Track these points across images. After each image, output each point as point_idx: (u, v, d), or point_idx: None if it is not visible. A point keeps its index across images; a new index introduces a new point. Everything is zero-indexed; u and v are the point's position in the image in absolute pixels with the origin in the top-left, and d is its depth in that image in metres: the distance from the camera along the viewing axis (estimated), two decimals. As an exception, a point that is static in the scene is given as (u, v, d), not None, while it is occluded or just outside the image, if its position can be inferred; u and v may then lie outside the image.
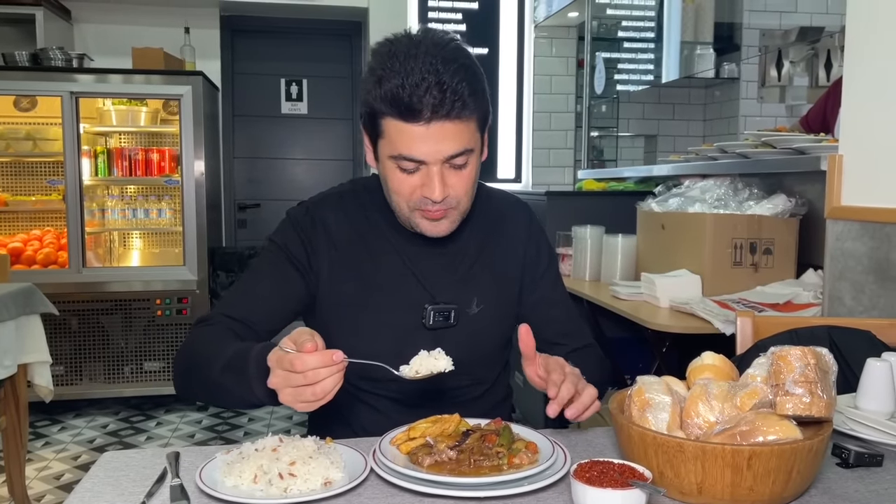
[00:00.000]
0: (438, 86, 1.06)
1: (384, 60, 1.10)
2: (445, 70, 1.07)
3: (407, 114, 1.08)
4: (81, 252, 3.93)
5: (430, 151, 1.10)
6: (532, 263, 1.37)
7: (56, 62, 3.89)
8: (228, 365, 1.04)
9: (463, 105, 1.08)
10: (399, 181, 1.15)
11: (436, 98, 1.06)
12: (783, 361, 0.90)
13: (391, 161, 1.14)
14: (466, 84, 1.08)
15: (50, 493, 2.99)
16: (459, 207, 1.19)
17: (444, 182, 1.13)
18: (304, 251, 1.24)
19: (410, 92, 1.06)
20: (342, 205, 1.30)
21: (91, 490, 0.91)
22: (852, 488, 0.92)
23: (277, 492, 0.88)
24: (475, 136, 1.15)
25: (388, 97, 1.08)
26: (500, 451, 0.94)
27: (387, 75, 1.08)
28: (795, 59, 4.20)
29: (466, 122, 1.11)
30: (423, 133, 1.09)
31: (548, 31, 4.91)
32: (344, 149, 5.22)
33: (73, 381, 3.97)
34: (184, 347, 1.18)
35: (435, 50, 1.09)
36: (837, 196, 1.84)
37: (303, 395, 0.91)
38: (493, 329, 1.33)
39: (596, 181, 3.90)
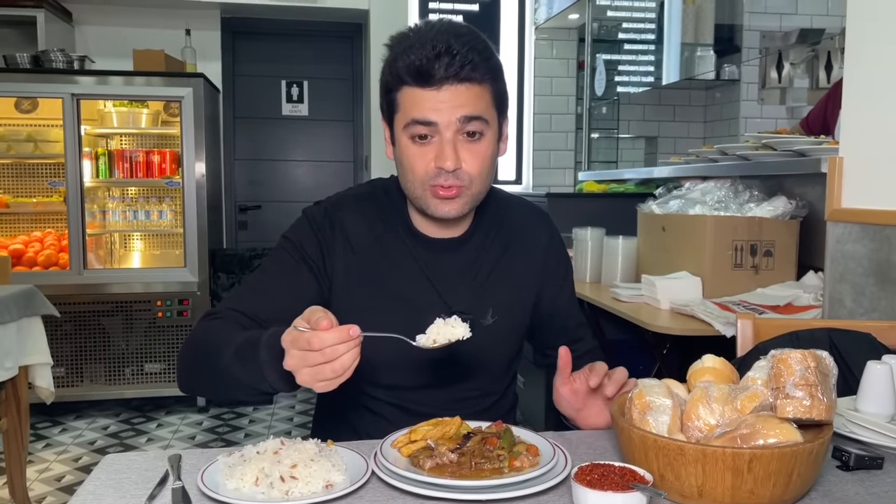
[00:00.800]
0: (448, 51, 1.09)
1: (400, 39, 1.15)
2: (457, 39, 1.10)
3: (419, 78, 1.10)
4: (82, 254, 3.94)
5: (442, 113, 1.11)
6: (551, 275, 1.36)
7: (57, 64, 3.90)
8: (238, 352, 1.02)
9: (473, 67, 1.10)
10: (413, 155, 1.15)
11: (447, 62, 1.08)
12: (783, 364, 0.90)
13: (405, 134, 1.14)
14: (477, 52, 1.11)
15: (51, 494, 2.99)
16: (472, 188, 1.17)
17: (456, 152, 1.13)
18: (320, 252, 1.23)
19: (422, 56, 1.09)
20: (360, 208, 1.28)
21: (93, 493, 0.91)
22: (852, 491, 0.92)
23: (279, 494, 0.88)
24: (490, 110, 1.15)
25: (402, 67, 1.11)
26: (500, 454, 0.94)
27: (400, 49, 1.12)
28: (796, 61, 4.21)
29: (479, 88, 1.12)
30: (435, 96, 1.10)
31: (548, 33, 4.91)
32: (345, 150, 5.23)
33: (74, 382, 3.98)
34: (189, 340, 1.16)
35: (449, 26, 1.13)
36: (838, 198, 1.84)
37: (321, 374, 0.89)
38: (505, 340, 1.32)
39: (596, 183, 3.91)
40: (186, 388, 1.16)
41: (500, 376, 1.35)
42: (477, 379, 1.29)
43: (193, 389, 1.17)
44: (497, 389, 1.35)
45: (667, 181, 2.97)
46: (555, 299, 1.38)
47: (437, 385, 1.26)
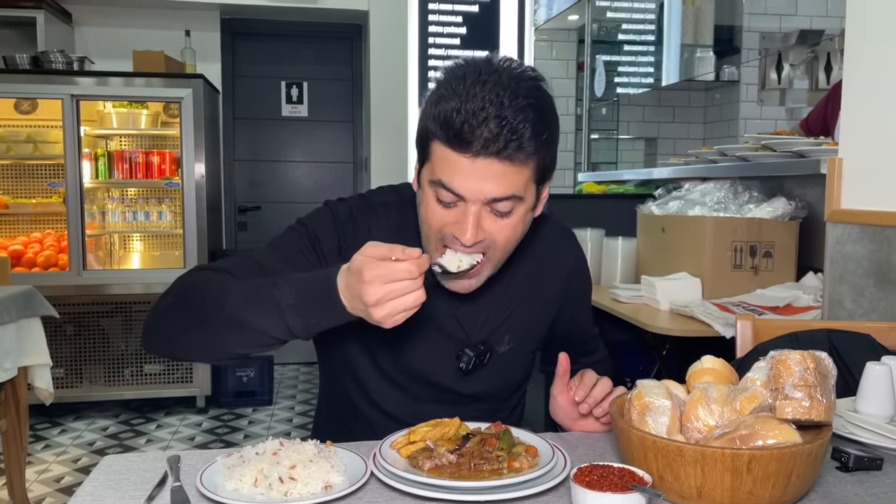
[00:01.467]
0: (497, 119, 0.96)
1: (450, 80, 1.01)
2: (511, 104, 0.97)
3: (455, 141, 0.98)
4: (82, 255, 3.94)
5: (471, 188, 1.00)
6: (573, 296, 1.33)
7: (57, 65, 3.90)
8: (252, 296, 0.95)
9: (519, 146, 0.97)
10: (433, 211, 1.05)
11: (490, 132, 0.96)
12: (783, 365, 0.90)
13: (430, 187, 1.04)
14: (530, 125, 0.97)
15: (50, 495, 2.99)
16: (492, 259, 1.07)
17: (478, 225, 1.01)
18: (337, 250, 1.14)
19: (464, 118, 0.96)
20: (388, 218, 1.19)
21: (92, 493, 0.91)
22: (852, 492, 0.92)
23: (278, 495, 0.88)
24: (528, 186, 1.03)
25: (440, 118, 0.99)
26: (500, 455, 0.94)
27: (447, 95, 0.99)
28: (795, 62, 4.21)
29: (519, 167, 1.00)
30: (468, 167, 0.98)
31: (548, 34, 4.92)
32: (344, 151, 5.23)
33: (74, 383, 3.97)
34: (176, 287, 1.06)
35: (507, 81, 0.99)
36: (837, 199, 1.84)
37: (404, 301, 0.88)
38: (518, 364, 1.29)
39: (596, 184, 3.91)
40: (159, 342, 1.06)
41: (510, 396, 1.33)
42: (487, 401, 1.27)
43: (167, 342, 1.05)
44: (505, 408, 1.33)
45: (666, 182, 2.97)
46: (574, 318, 1.36)
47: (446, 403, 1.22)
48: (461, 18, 4.76)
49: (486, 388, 1.25)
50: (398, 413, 1.24)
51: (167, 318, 1.04)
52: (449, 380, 1.22)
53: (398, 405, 1.24)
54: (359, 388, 1.25)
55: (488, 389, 1.26)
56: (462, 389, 1.23)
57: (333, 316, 0.93)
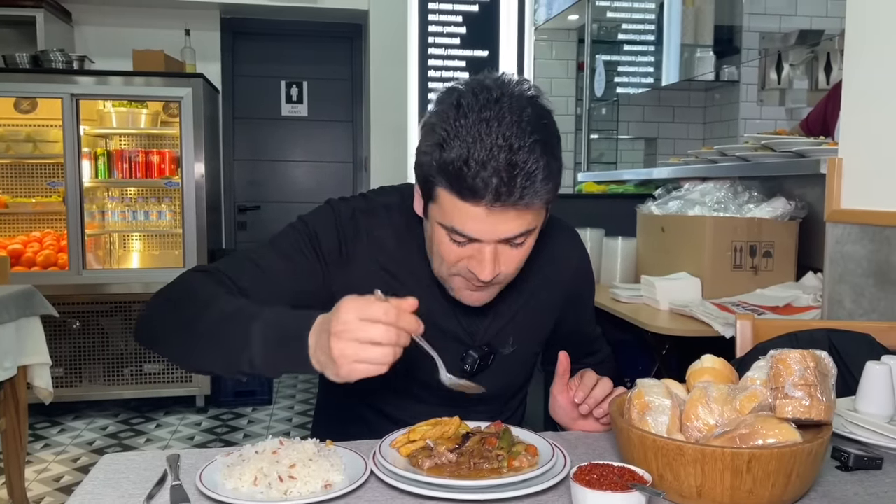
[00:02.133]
0: (508, 168, 0.91)
1: (448, 116, 0.95)
2: (520, 145, 0.92)
3: (467, 194, 0.93)
4: (81, 254, 3.94)
5: (486, 231, 0.97)
6: (577, 297, 1.33)
7: (56, 64, 3.90)
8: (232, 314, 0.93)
9: (534, 192, 0.94)
10: (447, 248, 1.03)
11: (503, 182, 0.92)
12: (783, 365, 0.90)
13: (441, 227, 1.01)
14: (542, 167, 0.93)
15: (49, 495, 2.99)
16: (504, 282, 1.08)
17: (496, 260, 1.01)
18: (339, 250, 1.13)
19: (476, 171, 0.91)
20: (391, 220, 1.17)
21: (91, 492, 0.91)
22: (852, 491, 0.92)
23: (277, 494, 0.88)
24: (540, 215, 1.02)
25: (447, 169, 0.94)
26: (499, 454, 0.94)
27: (449, 139, 0.94)
28: (795, 63, 4.21)
29: (533, 210, 0.98)
30: (482, 214, 0.95)
31: (548, 34, 4.92)
32: (344, 151, 5.23)
33: (73, 382, 3.97)
34: (170, 287, 1.05)
35: (510, 115, 0.93)
36: (837, 199, 1.84)
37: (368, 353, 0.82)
38: (521, 366, 1.29)
39: (596, 184, 3.90)
40: (146, 337, 1.04)
41: (513, 398, 1.34)
42: (490, 403, 1.27)
43: (152, 339, 1.04)
44: (507, 410, 1.33)
45: (666, 182, 2.97)
46: (577, 318, 1.36)
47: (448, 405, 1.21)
48: (461, 18, 4.76)
49: (489, 390, 1.24)
50: (399, 415, 1.23)
51: (156, 315, 1.04)
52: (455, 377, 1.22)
53: (399, 407, 1.24)
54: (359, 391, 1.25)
55: (491, 392, 1.23)
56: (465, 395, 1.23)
57: (297, 362, 0.88)
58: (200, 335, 0.95)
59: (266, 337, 0.89)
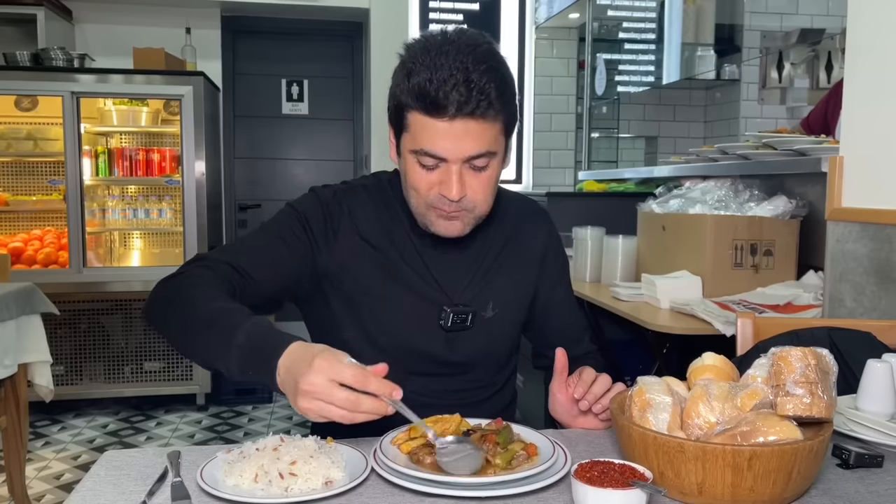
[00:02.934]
0: (466, 83, 1.06)
1: (415, 54, 1.11)
2: (475, 69, 1.07)
3: (432, 108, 1.08)
4: (82, 252, 3.93)
5: (451, 148, 1.10)
6: (549, 272, 1.38)
7: (57, 62, 3.90)
8: (214, 320, 1.01)
9: (488, 105, 1.08)
10: (418, 177, 1.15)
11: (462, 95, 1.06)
12: (784, 362, 0.90)
13: (412, 156, 1.14)
14: (494, 86, 1.08)
15: (50, 492, 2.99)
16: (476, 211, 1.18)
17: (462, 182, 1.13)
18: (325, 229, 1.24)
19: (437, 86, 1.06)
20: (370, 198, 1.29)
21: (92, 489, 0.91)
22: (852, 489, 0.92)
23: (278, 491, 0.88)
24: (499, 140, 1.14)
25: (415, 90, 1.09)
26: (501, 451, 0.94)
27: (416, 69, 1.09)
28: (796, 61, 4.21)
29: (491, 123, 1.11)
30: (447, 129, 1.09)
31: (549, 33, 4.91)
32: (345, 149, 5.22)
33: (74, 380, 3.97)
34: (171, 279, 1.14)
35: (467, 49, 1.09)
36: (838, 198, 1.84)
37: (329, 412, 0.89)
38: (505, 332, 1.34)
39: (596, 182, 3.90)
40: (150, 321, 1.14)
41: (499, 369, 1.37)
42: (476, 371, 1.31)
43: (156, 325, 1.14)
44: (495, 382, 1.36)
45: (667, 180, 2.97)
46: (552, 296, 1.39)
47: (437, 375, 1.28)
48: (462, 17, 4.77)
49: (472, 354, 1.28)
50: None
51: (158, 306, 1.13)
52: (436, 346, 1.26)
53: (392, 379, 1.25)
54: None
55: (475, 357, 1.29)
56: (449, 356, 1.27)
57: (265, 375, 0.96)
58: (189, 334, 1.05)
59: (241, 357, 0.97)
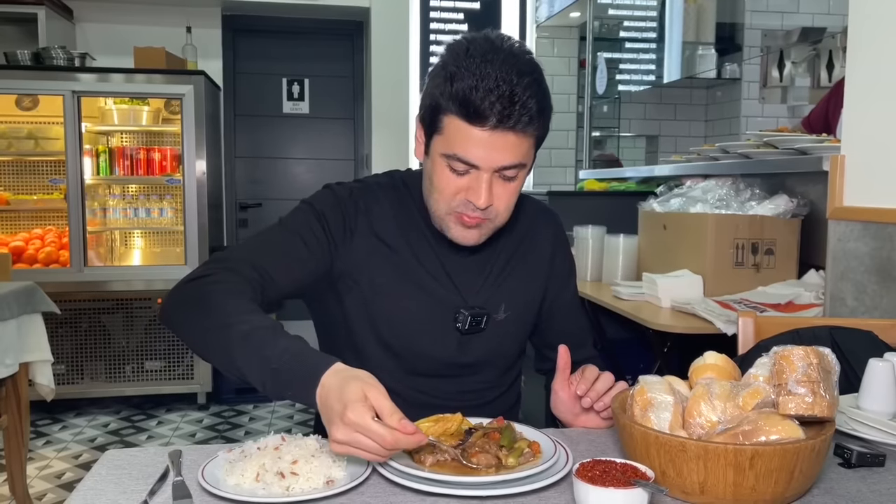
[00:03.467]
0: (510, 96, 1.06)
1: (460, 58, 1.09)
2: (519, 82, 1.07)
3: (473, 116, 1.07)
4: (83, 251, 3.94)
5: (486, 157, 1.10)
6: (557, 274, 1.38)
7: (58, 61, 3.90)
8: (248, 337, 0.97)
9: (529, 120, 1.08)
10: (446, 180, 1.14)
11: (505, 108, 1.06)
12: (785, 361, 0.90)
13: (443, 159, 1.13)
14: (536, 101, 1.09)
15: (51, 491, 2.99)
16: (496, 220, 1.18)
17: (490, 191, 1.12)
18: (343, 228, 1.23)
19: (483, 96, 1.06)
20: (385, 196, 1.28)
21: (93, 488, 0.91)
22: (854, 488, 0.92)
23: (279, 490, 0.88)
24: (530, 153, 1.15)
25: (458, 96, 1.07)
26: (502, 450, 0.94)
27: (460, 74, 1.08)
28: (797, 60, 4.20)
29: (527, 138, 1.11)
30: (485, 139, 1.08)
31: (549, 32, 4.91)
32: (346, 148, 5.22)
33: (75, 380, 3.97)
34: (196, 283, 1.09)
35: (512, 59, 1.08)
36: (839, 196, 1.84)
37: (355, 452, 0.88)
38: (515, 335, 1.34)
39: (597, 181, 3.90)
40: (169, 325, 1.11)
41: (507, 371, 1.37)
42: (484, 372, 1.31)
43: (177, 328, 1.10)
44: (502, 384, 1.36)
45: (668, 179, 2.97)
46: (558, 298, 1.39)
47: (448, 375, 1.28)
48: (462, 15, 4.76)
49: (483, 356, 1.28)
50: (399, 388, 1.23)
51: (184, 304, 1.08)
52: (448, 348, 1.26)
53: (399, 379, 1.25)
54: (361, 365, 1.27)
55: (486, 358, 1.29)
56: (460, 358, 1.27)
57: (305, 400, 0.94)
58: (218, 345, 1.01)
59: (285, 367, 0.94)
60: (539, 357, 1.45)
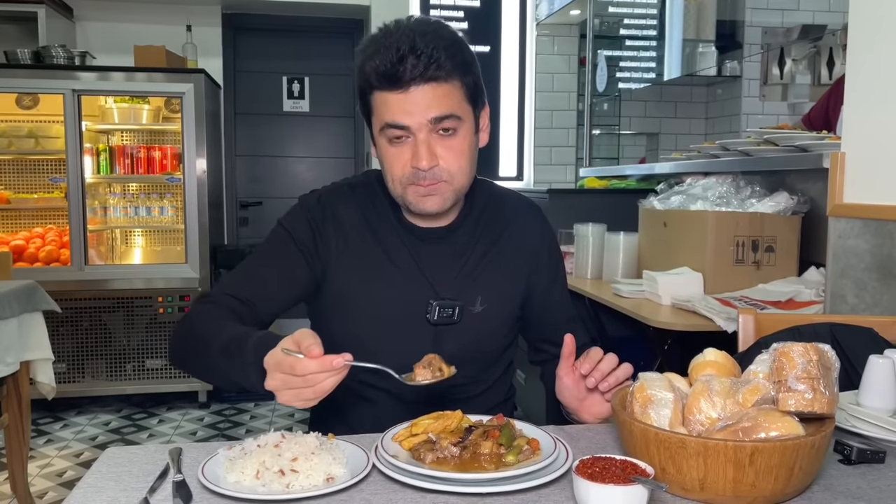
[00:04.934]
0: (413, 51, 1.09)
1: (368, 42, 1.15)
2: (421, 38, 1.10)
3: (385, 82, 1.11)
4: (83, 250, 3.94)
5: (412, 115, 1.12)
6: (543, 270, 1.38)
7: (58, 60, 3.90)
8: (226, 349, 1.05)
9: (438, 66, 1.10)
10: (390, 156, 1.17)
11: (412, 63, 1.09)
12: (786, 358, 0.90)
13: (381, 136, 1.17)
14: (443, 49, 1.11)
15: (52, 490, 3.00)
16: (453, 182, 1.19)
17: (430, 151, 1.14)
18: (312, 238, 1.26)
19: (387, 59, 1.10)
20: (354, 196, 1.31)
21: (94, 485, 0.91)
22: (854, 485, 0.92)
23: (279, 487, 0.88)
24: (462, 105, 1.16)
25: (370, 70, 1.12)
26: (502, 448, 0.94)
27: (368, 53, 1.13)
28: (798, 57, 4.20)
29: (448, 86, 1.13)
30: (404, 99, 1.11)
31: (550, 29, 4.90)
32: (346, 146, 5.22)
33: (76, 378, 3.98)
34: (184, 321, 1.19)
35: (415, 25, 1.13)
36: (840, 193, 1.84)
37: (303, 395, 0.94)
38: (495, 328, 1.33)
39: (598, 179, 3.90)
40: (175, 364, 1.21)
41: (492, 365, 1.36)
42: (467, 366, 1.28)
43: (182, 368, 1.21)
44: (488, 378, 1.36)
45: (668, 177, 2.97)
46: (546, 294, 1.39)
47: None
48: (463, 13, 4.76)
49: (460, 349, 1.25)
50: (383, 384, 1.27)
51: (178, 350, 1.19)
52: (422, 340, 1.25)
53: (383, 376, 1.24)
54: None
55: (463, 352, 1.26)
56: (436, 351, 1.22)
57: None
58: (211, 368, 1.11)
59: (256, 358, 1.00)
60: (532, 349, 1.46)
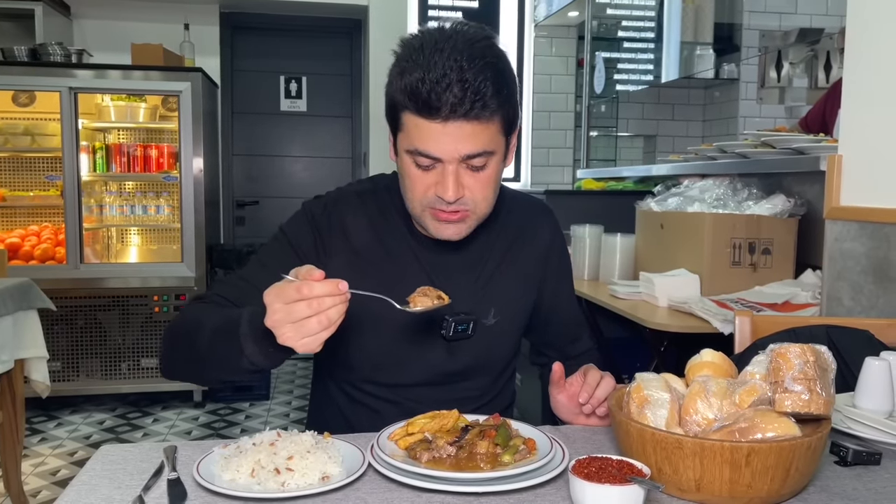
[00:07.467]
0: (460, 83, 1.02)
1: (410, 52, 1.07)
2: (469, 67, 1.02)
3: (424, 110, 1.04)
4: (79, 248, 3.93)
5: (445, 150, 1.06)
6: (553, 272, 1.35)
7: (55, 57, 3.89)
8: (219, 328, 1.02)
9: (483, 105, 1.04)
10: (414, 177, 1.11)
11: (456, 96, 1.02)
12: (782, 359, 0.90)
13: (408, 156, 1.10)
14: (490, 83, 1.04)
15: (46, 488, 2.98)
16: (476, 212, 1.14)
17: (458, 182, 1.08)
18: (315, 248, 1.20)
19: (430, 87, 1.02)
20: (362, 205, 1.25)
21: (87, 483, 0.91)
22: (850, 486, 0.92)
23: (275, 486, 0.87)
24: (497, 139, 1.10)
25: (407, 90, 1.05)
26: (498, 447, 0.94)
27: (409, 67, 1.05)
28: (795, 61, 4.21)
29: (487, 123, 1.06)
30: (440, 131, 1.05)
31: (548, 31, 4.91)
32: (343, 146, 5.22)
33: (70, 377, 3.96)
34: (173, 321, 1.15)
35: (463, 46, 1.04)
36: (836, 196, 1.84)
37: (306, 327, 0.89)
38: (506, 340, 1.31)
39: (595, 180, 3.90)
40: (168, 370, 1.15)
41: (500, 375, 1.34)
42: (477, 378, 1.28)
43: (175, 372, 1.15)
44: (495, 388, 1.34)
45: (665, 179, 2.97)
46: (555, 297, 1.37)
47: (438, 383, 1.25)
48: (461, 14, 4.76)
49: (473, 362, 1.25)
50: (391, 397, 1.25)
51: (166, 352, 1.15)
52: (435, 357, 1.23)
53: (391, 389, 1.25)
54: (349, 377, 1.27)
55: (475, 365, 1.26)
56: (450, 366, 1.24)
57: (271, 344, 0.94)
58: (203, 354, 1.05)
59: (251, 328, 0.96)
60: (535, 352, 1.45)
